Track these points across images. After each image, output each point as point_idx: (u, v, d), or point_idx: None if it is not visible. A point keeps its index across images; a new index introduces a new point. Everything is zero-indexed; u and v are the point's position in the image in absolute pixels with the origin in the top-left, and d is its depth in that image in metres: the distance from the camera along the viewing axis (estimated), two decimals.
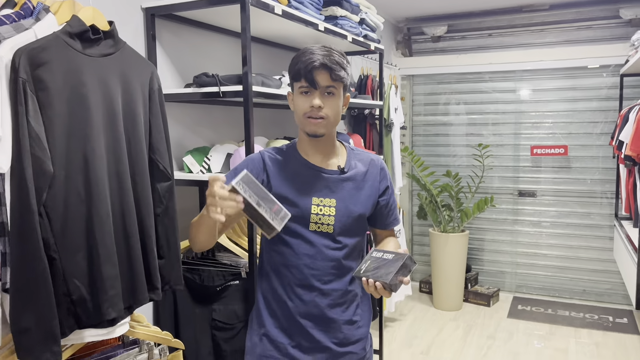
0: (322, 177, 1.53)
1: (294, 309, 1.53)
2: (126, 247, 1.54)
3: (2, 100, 1.28)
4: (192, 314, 2.16)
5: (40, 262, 1.30)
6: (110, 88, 1.52)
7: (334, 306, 1.54)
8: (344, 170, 1.55)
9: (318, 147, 1.54)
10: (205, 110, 2.51)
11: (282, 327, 1.55)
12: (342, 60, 1.46)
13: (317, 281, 1.51)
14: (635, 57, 3.50)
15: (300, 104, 1.46)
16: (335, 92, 1.46)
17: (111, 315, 1.46)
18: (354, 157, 1.61)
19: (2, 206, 1.35)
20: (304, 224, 1.50)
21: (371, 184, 1.59)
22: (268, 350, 1.55)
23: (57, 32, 1.40)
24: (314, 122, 1.45)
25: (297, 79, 1.45)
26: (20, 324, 1.30)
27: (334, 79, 1.43)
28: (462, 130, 5.17)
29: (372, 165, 1.61)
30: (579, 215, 4.80)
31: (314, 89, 1.43)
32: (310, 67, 1.41)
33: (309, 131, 1.48)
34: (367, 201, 1.57)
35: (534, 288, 5.00)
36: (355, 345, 1.60)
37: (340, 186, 1.54)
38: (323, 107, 1.44)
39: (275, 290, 1.55)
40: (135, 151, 1.59)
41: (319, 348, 1.54)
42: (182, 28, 2.36)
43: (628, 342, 3.86)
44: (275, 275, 1.55)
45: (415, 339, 4.03)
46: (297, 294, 1.52)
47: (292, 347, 1.54)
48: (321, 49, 1.45)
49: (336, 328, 1.55)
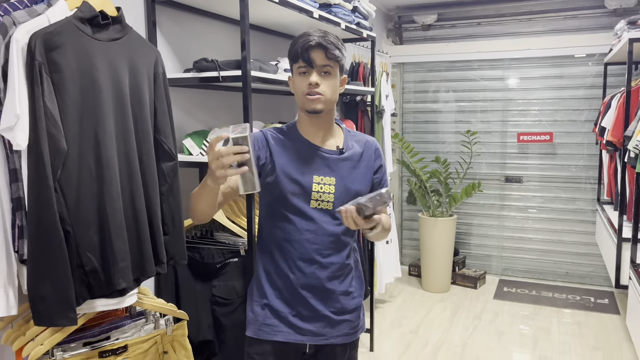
0: (322, 156, 1.61)
1: (295, 281, 1.61)
2: (134, 222, 1.62)
3: (19, 81, 1.35)
4: (192, 290, 2.25)
5: (57, 233, 1.38)
6: (119, 71, 1.59)
7: (332, 278, 1.63)
8: (343, 151, 1.63)
9: (317, 126, 1.61)
10: (204, 95, 2.59)
11: (283, 298, 1.63)
12: (337, 42, 1.53)
13: (317, 255, 1.60)
14: (618, 45, 3.62)
15: (299, 84, 1.53)
16: (332, 71, 1.53)
17: (122, 286, 1.55)
18: (351, 139, 1.69)
19: (19, 182, 1.44)
20: (306, 201, 1.58)
21: (367, 163, 1.67)
22: (269, 318, 1.63)
23: (69, 17, 1.47)
24: (312, 98, 1.52)
25: (295, 60, 1.53)
26: (37, 292, 1.39)
27: (329, 57, 1.51)
28: (451, 118, 5.28)
29: (368, 146, 1.70)
30: (563, 200, 4.94)
31: (311, 68, 1.51)
32: (307, 46, 1.49)
33: (308, 108, 1.54)
34: (363, 179, 1.65)
35: (519, 271, 5.15)
36: (351, 314, 1.69)
37: (339, 165, 1.61)
38: (320, 85, 1.51)
39: (277, 264, 1.62)
40: (142, 132, 1.67)
41: (318, 317, 1.63)
42: (182, 15, 2.43)
43: (608, 322, 4.02)
44: (277, 249, 1.62)
45: (405, 319, 4.16)
46: (298, 267, 1.60)
47: (293, 315, 1.62)
48: (317, 31, 1.53)
49: (334, 298, 1.64)
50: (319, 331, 1.64)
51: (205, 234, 2.41)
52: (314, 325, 1.63)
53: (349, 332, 1.70)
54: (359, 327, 1.75)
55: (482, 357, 3.46)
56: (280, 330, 1.63)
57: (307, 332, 1.63)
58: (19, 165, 1.43)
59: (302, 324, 1.63)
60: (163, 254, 1.74)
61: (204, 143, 2.32)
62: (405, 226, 5.61)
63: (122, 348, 1.66)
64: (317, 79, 1.51)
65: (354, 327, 1.72)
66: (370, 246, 3.60)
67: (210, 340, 2.24)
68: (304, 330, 1.63)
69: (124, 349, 1.66)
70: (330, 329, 1.66)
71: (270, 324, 1.63)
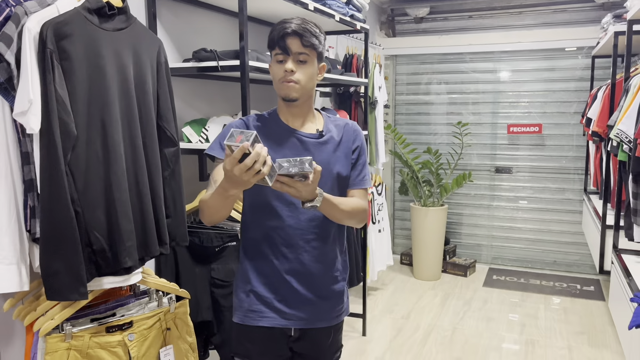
0: (302, 140, 1.61)
1: (279, 266, 1.61)
2: (139, 203, 1.71)
3: (31, 68, 1.43)
4: (192, 272, 2.34)
5: (69, 212, 1.46)
6: (124, 60, 1.67)
7: (316, 263, 1.63)
8: (322, 134, 1.63)
9: (295, 112, 1.61)
10: (202, 84, 2.67)
11: (268, 284, 1.63)
12: (314, 30, 1.53)
13: (300, 240, 1.60)
14: (604, 39, 3.72)
15: (276, 71, 1.54)
16: (308, 59, 1.53)
17: (128, 264, 1.63)
18: (330, 123, 1.69)
19: (31, 164, 1.51)
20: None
21: (346, 145, 1.66)
22: (255, 304, 1.64)
23: (77, 8, 1.55)
24: (287, 85, 1.52)
25: (272, 47, 1.53)
26: (50, 267, 1.47)
27: (305, 45, 1.50)
28: (442, 109, 5.38)
29: (347, 128, 1.69)
30: (551, 190, 5.06)
31: (287, 55, 1.50)
32: (282, 33, 1.49)
33: (282, 95, 1.55)
34: (344, 161, 1.65)
35: (509, 260, 5.27)
36: (335, 298, 1.71)
37: (319, 149, 1.62)
38: (295, 72, 1.51)
39: (261, 250, 1.62)
40: (146, 118, 1.75)
41: (302, 301, 1.64)
42: (181, 7, 2.50)
43: (594, 308, 4.15)
44: (260, 235, 1.62)
45: (396, 305, 4.27)
46: (282, 253, 1.60)
47: (278, 301, 1.63)
48: (296, 19, 1.53)
49: (318, 283, 1.65)
50: (304, 315, 1.65)
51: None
52: (299, 310, 1.64)
53: (333, 316, 1.71)
54: (342, 310, 1.76)
55: (471, 341, 3.57)
56: (266, 315, 1.63)
57: (292, 316, 1.64)
58: (31, 149, 1.50)
59: (287, 309, 1.63)
60: (166, 235, 1.83)
61: (203, 131, 2.40)
62: (398, 216, 5.71)
63: (127, 324, 1.74)
64: (293, 66, 1.50)
65: (338, 310, 1.74)
66: (364, 234, 3.69)
67: (209, 320, 2.32)
68: (289, 315, 1.64)
69: (129, 324, 1.74)
70: (315, 313, 1.66)
71: (256, 310, 1.64)
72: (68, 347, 1.62)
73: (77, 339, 1.63)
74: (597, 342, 3.54)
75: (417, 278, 4.92)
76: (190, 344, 1.95)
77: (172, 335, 1.88)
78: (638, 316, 1.97)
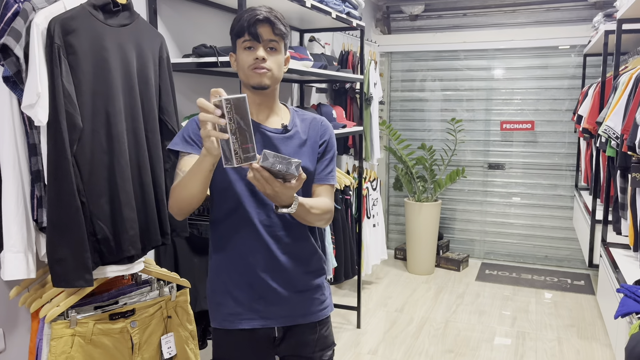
0: (265, 135, 1.53)
1: (253, 265, 1.54)
2: (142, 194, 1.76)
3: (39, 62, 1.47)
4: (191, 263, 2.39)
5: (74, 200, 1.52)
6: (127, 54, 1.72)
7: (291, 258, 1.57)
8: (287, 129, 1.57)
9: (262, 104, 1.55)
10: (201, 79, 2.71)
11: (244, 284, 1.56)
12: (282, 18, 1.50)
13: (272, 236, 1.54)
14: (595, 37, 3.79)
15: (244, 59, 1.47)
16: (277, 47, 1.49)
17: (131, 253, 1.68)
18: (297, 117, 1.62)
19: (38, 155, 1.56)
20: (249, 183, 1.49)
21: (313, 139, 1.60)
22: (232, 307, 1.58)
23: (83, 4, 1.60)
24: (259, 72, 1.46)
25: (240, 35, 1.47)
26: (56, 255, 1.52)
27: (276, 33, 1.46)
28: (437, 106, 5.45)
29: (314, 123, 1.63)
30: (543, 186, 5.14)
31: (257, 42, 1.45)
32: (254, 20, 1.44)
33: (254, 83, 1.48)
34: (310, 156, 1.58)
35: (501, 254, 5.35)
36: (314, 292, 1.64)
37: (284, 144, 1.55)
38: (267, 60, 1.46)
39: (233, 249, 1.55)
40: (148, 111, 1.80)
41: (280, 298, 1.57)
42: (182, 3, 2.54)
43: (584, 301, 4.23)
44: (231, 234, 1.55)
45: (390, 299, 4.34)
46: (255, 250, 1.54)
47: (255, 300, 1.56)
48: (263, 7, 1.48)
49: (295, 278, 1.59)
50: (284, 313, 1.59)
51: (202, 212, 2.54)
52: (278, 308, 1.58)
53: (314, 311, 1.64)
54: (325, 304, 1.69)
55: (463, 334, 3.65)
56: (245, 317, 1.57)
57: (272, 315, 1.58)
58: (38, 140, 1.55)
59: (266, 308, 1.57)
60: (167, 225, 1.88)
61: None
62: (392, 211, 5.78)
63: (130, 311, 1.79)
64: (264, 54, 1.46)
65: (320, 304, 1.66)
66: (359, 229, 3.76)
67: (208, 310, 2.37)
68: (269, 313, 1.57)
69: (131, 312, 1.80)
70: (296, 309, 1.60)
71: (233, 312, 1.58)
72: (73, 334, 1.67)
73: (82, 326, 1.68)
74: (587, 334, 3.62)
75: (411, 272, 4.99)
76: (190, 332, 2.00)
77: (172, 323, 1.93)
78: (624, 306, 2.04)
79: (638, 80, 2.41)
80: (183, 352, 1.97)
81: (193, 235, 2.38)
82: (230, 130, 1.20)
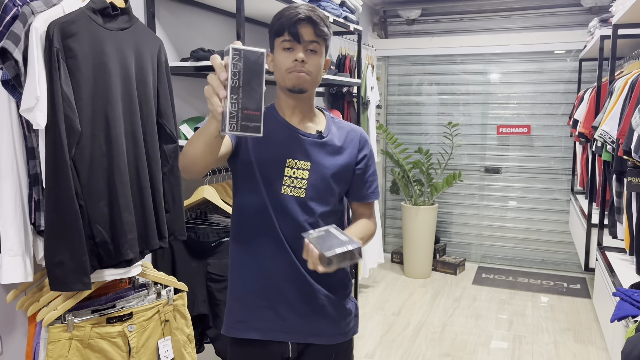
0: (299, 138, 1.47)
1: (270, 274, 1.48)
2: (140, 197, 1.76)
3: (38, 65, 1.48)
4: (188, 267, 2.39)
5: (73, 204, 1.52)
6: (126, 58, 1.72)
7: (310, 271, 1.46)
8: (322, 135, 1.50)
9: (297, 107, 1.48)
10: (199, 83, 2.72)
11: (259, 292, 1.49)
12: (325, 19, 1.42)
13: (293, 245, 1.46)
14: (591, 42, 3.81)
15: (282, 60, 1.40)
16: (318, 49, 1.41)
17: (129, 256, 1.68)
18: (333, 124, 1.55)
19: (37, 159, 1.56)
20: (277, 186, 1.45)
21: (350, 152, 1.52)
22: (243, 314, 1.52)
23: (82, 8, 1.60)
24: (298, 74, 1.39)
25: (279, 34, 1.40)
26: (55, 258, 1.52)
27: (317, 34, 1.39)
28: (433, 110, 5.46)
29: (352, 133, 1.55)
30: (539, 190, 5.16)
31: (297, 43, 1.38)
32: (295, 19, 1.36)
33: (290, 86, 1.42)
34: (343, 168, 1.51)
35: (497, 258, 5.36)
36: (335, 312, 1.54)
37: (317, 150, 1.48)
38: (307, 63, 1.39)
39: (252, 255, 1.49)
40: (147, 114, 1.81)
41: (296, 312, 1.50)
42: (180, 7, 2.55)
43: (580, 305, 4.24)
44: (251, 239, 1.49)
45: (387, 302, 4.34)
46: (274, 258, 1.47)
47: (269, 310, 1.49)
48: (305, 5, 1.41)
49: (314, 293, 1.50)
50: (298, 329, 1.50)
51: (199, 216, 2.54)
52: (293, 322, 1.50)
53: (333, 333, 1.54)
54: (347, 328, 1.58)
55: (460, 338, 3.65)
56: (254, 327, 1.50)
57: (285, 328, 1.50)
58: (36, 144, 1.55)
59: (280, 321, 1.49)
60: (165, 229, 1.88)
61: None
62: (389, 215, 5.79)
63: (127, 315, 1.79)
64: (304, 55, 1.38)
65: (340, 327, 1.55)
66: None
67: (205, 314, 2.38)
68: (282, 327, 1.50)
69: (129, 316, 1.79)
70: (310, 327, 1.51)
71: (241, 320, 1.51)
72: (70, 337, 1.66)
73: (79, 330, 1.68)
74: (583, 338, 3.63)
75: (408, 276, 5.00)
76: (188, 335, 2.00)
77: (170, 326, 1.93)
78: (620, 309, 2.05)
79: (634, 85, 2.42)
80: (180, 356, 1.97)
81: (191, 238, 2.38)
82: (230, 86, 1.02)
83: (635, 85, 2.36)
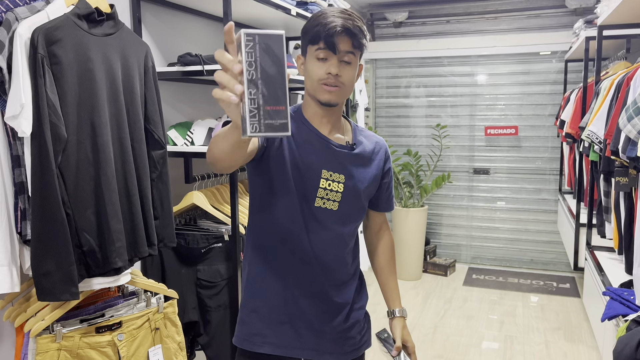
0: (332, 150, 1.42)
1: (292, 288, 1.44)
2: (128, 205, 1.74)
3: (23, 72, 1.45)
4: (178, 273, 2.36)
5: (60, 212, 1.49)
6: (112, 64, 1.70)
7: (332, 287, 1.46)
8: (354, 146, 1.46)
9: (327, 118, 1.43)
10: (187, 88, 2.70)
11: (278, 306, 1.45)
12: (363, 27, 1.36)
13: (317, 260, 1.42)
14: (576, 43, 3.85)
15: (316, 70, 1.34)
16: (353, 60, 1.36)
17: (118, 265, 1.66)
18: (359, 134, 1.52)
19: (22, 167, 1.54)
20: (310, 198, 1.40)
21: (377, 164, 1.52)
22: (257, 327, 1.47)
23: (67, 14, 1.58)
24: (330, 89, 1.34)
25: (314, 42, 1.33)
26: (41, 268, 1.49)
27: (355, 46, 1.34)
28: (421, 112, 5.48)
29: (378, 145, 1.55)
30: (528, 191, 5.19)
31: (332, 53, 1.32)
32: (332, 31, 1.29)
33: (323, 99, 1.37)
34: (372, 181, 1.50)
35: (487, 259, 5.39)
36: (352, 328, 1.54)
37: (350, 162, 1.44)
38: (340, 76, 1.34)
39: (271, 266, 1.44)
40: (134, 120, 1.79)
41: (312, 329, 1.47)
42: (166, 11, 2.53)
43: (569, 304, 4.27)
44: (272, 250, 1.44)
45: (378, 305, 4.32)
46: (294, 272, 1.43)
47: (286, 324, 1.45)
48: (342, 12, 1.33)
49: (333, 309, 1.48)
50: (313, 346, 1.47)
51: (189, 222, 2.52)
52: (309, 339, 1.47)
53: (347, 350, 1.53)
54: (361, 343, 1.57)
55: (452, 339, 3.65)
56: (269, 341, 1.45)
57: (300, 345, 1.46)
58: (22, 152, 1.52)
59: (296, 337, 1.46)
60: (154, 236, 1.86)
61: (188, 134, 2.44)
62: None
63: (117, 324, 1.76)
64: (338, 69, 1.33)
65: (355, 343, 1.55)
66: None
67: (196, 321, 2.35)
68: (298, 343, 1.46)
69: (118, 325, 1.77)
70: (326, 345, 1.48)
71: (257, 333, 1.46)
72: (58, 348, 1.64)
73: (68, 340, 1.65)
74: (573, 337, 3.65)
75: (398, 278, 4.99)
76: (178, 343, 1.98)
77: (161, 334, 1.91)
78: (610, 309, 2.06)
79: (620, 85, 2.44)
80: None
81: (180, 245, 2.36)
82: (247, 80, 0.82)
83: (622, 86, 2.38)
